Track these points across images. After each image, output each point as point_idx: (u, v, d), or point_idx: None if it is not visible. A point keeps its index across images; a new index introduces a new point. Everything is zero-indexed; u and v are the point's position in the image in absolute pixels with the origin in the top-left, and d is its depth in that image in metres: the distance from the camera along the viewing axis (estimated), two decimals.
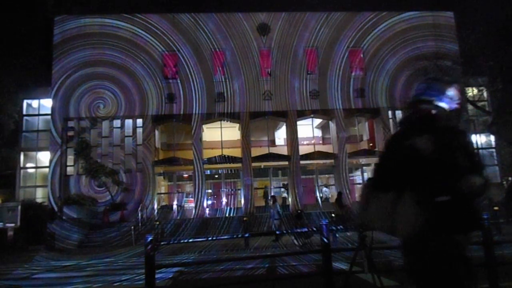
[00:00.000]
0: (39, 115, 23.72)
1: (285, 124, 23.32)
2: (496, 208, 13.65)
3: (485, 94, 22.97)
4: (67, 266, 10.78)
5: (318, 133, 25.87)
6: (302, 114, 22.78)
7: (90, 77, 21.63)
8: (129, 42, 22.11)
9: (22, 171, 23.08)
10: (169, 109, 21.85)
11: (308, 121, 23.83)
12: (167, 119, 22.26)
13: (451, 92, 2.20)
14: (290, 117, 22.29)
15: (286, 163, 22.50)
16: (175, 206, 22.04)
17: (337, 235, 11.98)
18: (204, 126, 22.75)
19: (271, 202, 15.54)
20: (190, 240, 12.81)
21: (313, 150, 22.96)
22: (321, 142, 25.53)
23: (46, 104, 22.80)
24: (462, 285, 1.86)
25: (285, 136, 24.07)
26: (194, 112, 21.81)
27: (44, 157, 22.48)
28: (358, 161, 24.35)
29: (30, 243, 16.90)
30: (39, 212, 19.05)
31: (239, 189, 22.73)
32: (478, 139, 24.11)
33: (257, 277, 7.02)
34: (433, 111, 2.12)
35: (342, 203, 17.77)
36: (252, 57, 22.58)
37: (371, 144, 23.85)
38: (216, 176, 23.61)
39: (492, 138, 23.52)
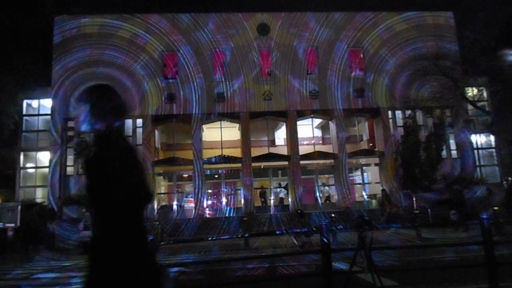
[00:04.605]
0: (39, 115, 23.69)
1: (285, 124, 23.31)
2: (496, 208, 13.64)
3: (485, 94, 22.98)
4: (67, 266, 10.77)
5: (318, 133, 25.89)
6: (302, 114, 22.78)
7: (90, 77, 21.58)
8: (129, 42, 22.11)
9: (22, 171, 23.05)
10: (169, 109, 21.85)
11: (308, 121, 23.83)
12: (167, 119, 22.25)
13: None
14: (290, 117, 22.29)
15: (286, 163, 22.49)
16: (175, 206, 22.03)
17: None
18: (204, 126, 22.75)
19: (84, 210, 14.68)
20: (190, 240, 12.80)
21: (313, 150, 22.96)
22: (321, 142, 25.55)
23: (46, 104, 22.79)
24: None
25: (285, 136, 24.06)
26: (194, 112, 21.81)
27: (44, 157, 22.46)
28: (358, 161, 24.36)
29: (30, 243, 16.88)
30: (39, 212, 19.03)
31: (239, 189, 22.73)
32: (478, 139, 24.13)
33: (257, 277, 7.02)
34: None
35: (391, 201, 17.75)
36: (252, 57, 22.59)
37: (371, 144, 23.85)
38: (216, 176, 23.61)
39: (492, 138, 23.54)
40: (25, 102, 23.29)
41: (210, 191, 23.37)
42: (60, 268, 10.43)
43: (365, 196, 22.65)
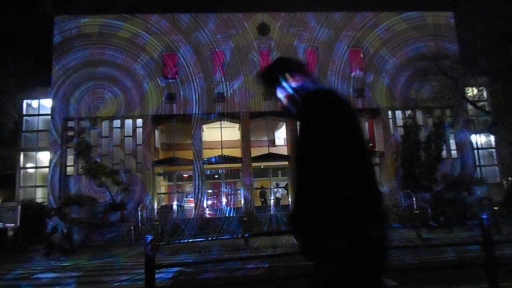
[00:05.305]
0: (39, 115, 23.71)
1: (285, 124, 23.31)
2: (496, 208, 13.66)
3: (485, 94, 22.99)
4: (67, 266, 10.77)
5: None
6: None
7: (90, 77, 21.62)
8: (129, 42, 22.11)
9: (22, 171, 23.06)
10: (169, 109, 21.85)
11: None
12: (167, 119, 22.25)
13: None
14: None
15: (286, 163, 22.48)
16: (175, 206, 22.03)
17: None
18: (204, 126, 22.74)
19: (52, 214, 14.25)
20: (190, 240, 12.79)
21: None
22: None
23: (46, 104, 22.80)
24: None
25: (285, 136, 24.07)
26: (194, 112, 21.81)
27: (44, 157, 22.47)
28: None
29: (30, 243, 16.88)
30: (39, 212, 19.04)
31: (239, 189, 22.73)
32: (478, 139, 24.13)
33: (257, 277, 7.01)
34: None
35: None
36: (252, 57, 22.58)
37: (371, 144, 23.84)
38: (216, 176, 23.61)
39: (492, 138, 23.54)
40: (25, 102, 23.30)
41: (210, 191, 23.37)
42: (60, 268, 10.43)
43: None
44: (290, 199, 21.99)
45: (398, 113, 22.77)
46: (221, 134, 23.05)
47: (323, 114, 1.64)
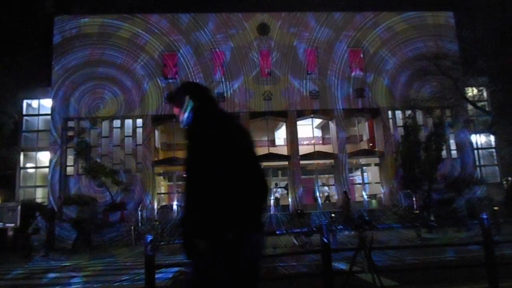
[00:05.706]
0: (39, 115, 23.67)
1: (285, 124, 23.31)
2: (496, 208, 13.66)
3: (485, 94, 22.98)
4: (67, 266, 10.77)
5: (318, 133, 25.87)
6: (302, 114, 22.77)
7: (90, 77, 21.62)
8: (129, 42, 22.10)
9: (22, 171, 23.03)
10: (169, 109, 21.82)
11: (308, 121, 23.82)
12: (167, 119, 22.22)
13: None
14: (290, 117, 22.27)
15: (286, 163, 22.48)
16: (175, 206, 22.01)
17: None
18: None
19: (36, 215, 14.20)
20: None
21: (313, 150, 22.95)
22: (321, 142, 25.52)
23: (46, 104, 22.78)
24: None
25: (285, 136, 24.05)
26: None
27: (44, 157, 22.46)
28: (358, 161, 24.35)
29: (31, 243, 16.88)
30: (39, 212, 19.02)
31: None
32: (478, 139, 24.12)
33: None
34: None
35: (350, 204, 17.68)
36: (252, 57, 22.58)
37: (371, 144, 23.85)
38: None
39: (492, 138, 23.53)
40: (25, 102, 23.26)
41: None
42: (60, 268, 10.44)
43: (365, 196, 22.64)
44: (290, 199, 22.01)
45: (398, 113, 22.76)
46: None
47: (205, 134, 1.98)
